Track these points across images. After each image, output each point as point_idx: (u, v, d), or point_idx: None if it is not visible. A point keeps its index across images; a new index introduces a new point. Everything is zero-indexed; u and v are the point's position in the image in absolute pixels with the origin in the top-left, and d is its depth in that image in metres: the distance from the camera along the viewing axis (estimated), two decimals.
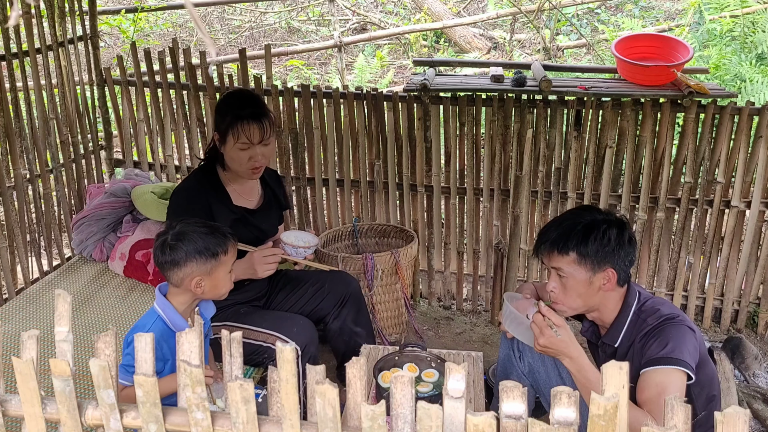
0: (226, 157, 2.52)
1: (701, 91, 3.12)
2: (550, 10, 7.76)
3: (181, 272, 2.04)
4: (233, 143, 2.46)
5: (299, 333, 2.49)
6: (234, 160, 2.49)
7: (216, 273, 2.07)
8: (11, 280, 3.22)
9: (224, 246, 2.08)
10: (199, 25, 0.95)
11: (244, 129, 2.43)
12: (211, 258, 2.05)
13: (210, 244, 2.05)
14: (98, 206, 3.54)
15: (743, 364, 3.16)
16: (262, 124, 2.46)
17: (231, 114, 2.45)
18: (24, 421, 1.24)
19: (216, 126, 2.53)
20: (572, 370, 1.95)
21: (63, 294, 1.22)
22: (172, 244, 2.05)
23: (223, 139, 2.49)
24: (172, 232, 2.08)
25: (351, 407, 1.11)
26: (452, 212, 3.56)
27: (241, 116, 2.44)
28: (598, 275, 2.03)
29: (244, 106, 2.48)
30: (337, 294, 2.77)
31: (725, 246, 3.36)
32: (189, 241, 2.04)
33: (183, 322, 2.08)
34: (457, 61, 4.67)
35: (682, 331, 1.98)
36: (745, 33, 6.18)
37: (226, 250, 2.08)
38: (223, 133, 2.48)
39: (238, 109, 2.46)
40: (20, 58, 3.29)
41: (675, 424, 1.03)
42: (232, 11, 9.18)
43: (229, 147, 2.48)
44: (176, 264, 2.04)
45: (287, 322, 2.55)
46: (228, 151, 2.49)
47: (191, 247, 2.03)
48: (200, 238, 2.05)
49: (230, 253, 2.11)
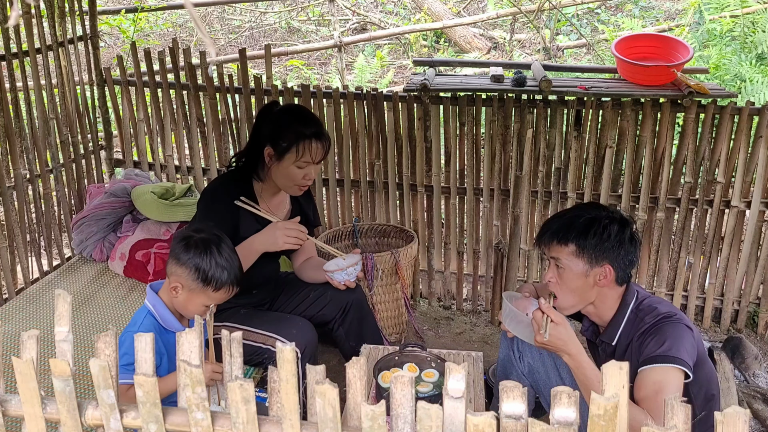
0: (277, 172, 2.48)
1: (701, 91, 3.12)
2: (550, 10, 7.76)
3: (174, 268, 2.07)
4: (293, 160, 2.43)
5: (299, 334, 2.49)
6: (287, 176, 2.46)
7: (194, 296, 2.06)
8: (11, 280, 3.22)
9: (219, 284, 2.05)
10: (199, 25, 0.95)
11: (309, 148, 2.42)
12: (201, 281, 2.04)
13: (212, 272, 2.04)
14: (98, 206, 3.54)
15: (743, 364, 3.16)
16: (324, 144, 2.46)
17: (294, 131, 2.42)
18: (24, 421, 1.24)
19: (271, 140, 2.46)
20: (571, 367, 1.96)
21: (63, 294, 1.22)
22: (190, 243, 2.06)
23: (281, 155, 2.44)
24: (202, 235, 2.09)
25: (351, 407, 1.11)
26: (452, 212, 3.56)
27: (306, 135, 2.42)
28: (595, 269, 2.05)
29: (308, 124, 2.45)
30: (340, 301, 2.73)
31: (725, 246, 3.36)
32: (200, 254, 2.05)
33: (172, 318, 2.11)
34: (457, 61, 4.68)
35: (679, 330, 1.98)
36: (745, 33, 6.18)
37: (218, 287, 2.05)
38: (282, 150, 2.43)
39: (302, 126, 2.43)
40: (20, 58, 3.29)
41: (675, 424, 1.03)
42: (232, 11, 9.18)
43: (285, 163, 2.44)
44: (178, 259, 2.06)
45: (287, 323, 2.55)
46: (282, 166, 2.45)
47: (198, 259, 2.04)
48: (210, 260, 2.04)
49: (219, 294, 2.07)
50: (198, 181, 3.79)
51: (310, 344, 2.51)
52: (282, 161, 2.45)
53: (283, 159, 2.45)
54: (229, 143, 3.71)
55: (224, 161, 3.71)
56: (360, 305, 2.78)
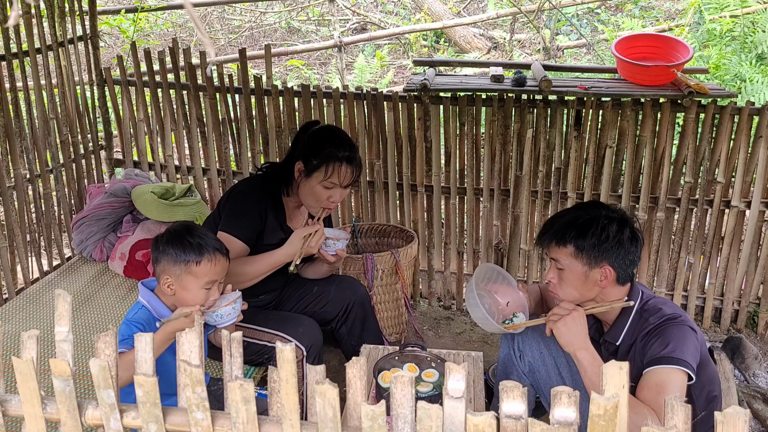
0: (303, 189, 2.49)
1: (701, 91, 3.12)
2: (550, 10, 7.76)
3: (158, 268, 2.09)
4: (320, 179, 2.44)
5: (304, 333, 2.50)
6: (312, 194, 2.47)
7: (184, 281, 2.05)
8: (11, 280, 3.22)
9: (198, 257, 2.04)
10: (198, 25, 0.95)
11: (338, 170, 2.43)
12: (182, 262, 2.04)
13: (186, 251, 2.05)
14: (98, 206, 3.54)
15: (743, 364, 3.16)
16: (354, 169, 2.47)
17: (327, 151, 2.43)
18: (24, 421, 1.24)
19: (303, 156, 2.47)
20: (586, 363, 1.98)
21: (63, 294, 1.22)
22: (160, 240, 2.09)
23: (310, 172, 2.45)
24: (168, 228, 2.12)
25: (351, 407, 1.11)
26: (452, 212, 3.56)
27: (337, 156, 2.43)
28: (595, 270, 2.05)
29: (342, 146, 2.46)
30: (342, 300, 2.74)
31: (725, 246, 3.36)
32: (170, 242, 2.07)
33: (165, 310, 2.11)
34: (457, 61, 4.67)
35: (683, 332, 1.98)
36: (745, 33, 6.18)
37: (199, 261, 2.04)
38: (312, 167, 2.45)
39: (335, 148, 2.44)
40: (20, 58, 3.29)
41: (675, 424, 1.03)
42: (232, 11, 9.18)
43: (313, 181, 2.45)
44: (156, 259, 2.09)
45: (292, 322, 2.56)
46: (309, 184, 2.46)
47: (170, 246, 2.06)
48: (180, 243, 2.06)
49: (204, 266, 2.05)
50: (198, 181, 3.79)
51: (315, 343, 2.52)
52: (310, 179, 2.46)
53: (311, 177, 2.46)
54: (229, 143, 3.71)
55: (224, 161, 3.72)
56: (362, 305, 2.79)
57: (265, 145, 3.62)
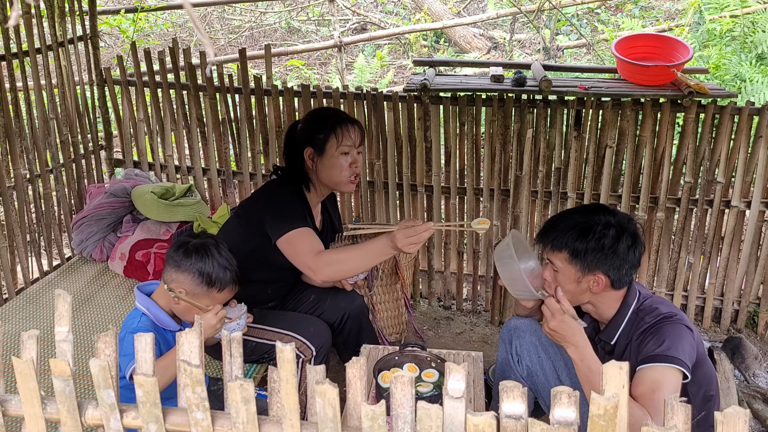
0: (322, 169, 2.50)
1: (701, 91, 3.12)
2: (550, 10, 7.76)
3: (174, 275, 2.07)
4: (335, 148, 2.47)
5: (316, 334, 2.50)
6: (334, 167, 2.48)
7: (197, 300, 2.07)
8: (11, 280, 3.22)
9: (223, 284, 2.08)
10: (198, 26, 0.95)
11: (347, 131, 2.48)
12: (205, 284, 2.06)
13: (216, 274, 2.07)
14: (98, 206, 3.54)
15: (743, 364, 3.16)
16: (359, 127, 2.54)
17: (328, 121, 2.49)
18: (24, 421, 1.24)
19: (308, 140, 2.50)
20: (576, 360, 1.98)
21: (63, 294, 1.22)
22: (189, 249, 2.08)
23: (322, 148, 2.48)
24: (199, 240, 2.12)
25: (351, 407, 1.11)
26: (452, 212, 3.56)
27: (341, 119, 2.51)
28: (588, 277, 2.06)
29: (338, 114, 2.59)
30: (338, 310, 2.71)
31: (725, 246, 3.36)
32: (201, 258, 2.07)
33: (167, 318, 2.12)
34: (457, 61, 4.67)
35: (679, 330, 1.99)
36: (745, 33, 6.18)
37: (222, 288, 2.09)
38: (321, 143, 2.47)
39: (334, 116, 2.54)
40: (20, 58, 3.29)
41: (675, 424, 1.03)
42: (232, 11, 9.18)
43: (329, 155, 2.48)
44: (178, 266, 2.07)
45: (304, 322, 2.57)
46: (328, 160, 2.48)
47: (200, 263, 2.06)
48: (212, 263, 2.07)
49: (223, 294, 2.11)
50: (198, 181, 3.79)
51: (325, 345, 2.53)
52: (324, 155, 2.48)
53: (324, 152, 2.48)
54: (229, 143, 3.71)
55: (224, 161, 3.72)
56: (357, 317, 2.76)
57: (265, 145, 3.62)
